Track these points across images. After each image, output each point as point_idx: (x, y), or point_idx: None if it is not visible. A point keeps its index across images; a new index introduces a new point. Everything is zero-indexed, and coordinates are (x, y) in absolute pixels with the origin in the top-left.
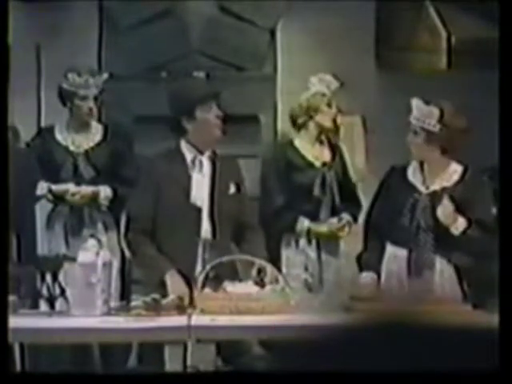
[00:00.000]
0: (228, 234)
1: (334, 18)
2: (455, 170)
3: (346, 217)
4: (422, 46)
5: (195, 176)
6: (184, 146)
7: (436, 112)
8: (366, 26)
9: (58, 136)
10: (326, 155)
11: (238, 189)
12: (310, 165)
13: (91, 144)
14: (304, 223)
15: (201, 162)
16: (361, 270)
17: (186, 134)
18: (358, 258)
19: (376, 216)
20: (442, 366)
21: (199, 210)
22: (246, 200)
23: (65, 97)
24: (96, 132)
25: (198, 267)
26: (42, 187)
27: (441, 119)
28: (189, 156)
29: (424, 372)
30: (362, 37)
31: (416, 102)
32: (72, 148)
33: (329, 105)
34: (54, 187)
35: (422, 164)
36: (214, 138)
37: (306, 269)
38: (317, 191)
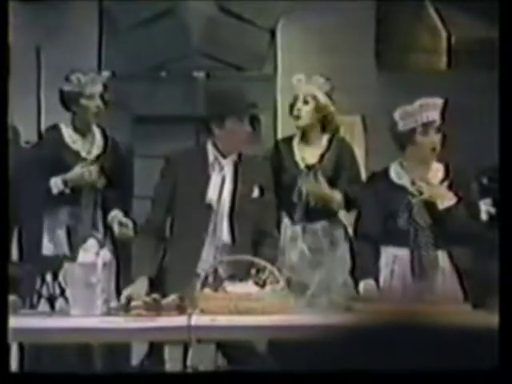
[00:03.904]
0: (247, 238)
1: (334, 18)
2: (438, 168)
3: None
4: (422, 46)
5: (214, 178)
6: (209, 147)
7: (440, 103)
8: (366, 26)
9: (67, 139)
10: (313, 157)
11: (262, 193)
12: (296, 165)
13: (97, 150)
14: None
15: (220, 165)
16: (359, 279)
17: (212, 136)
18: (353, 268)
19: (367, 223)
20: (442, 366)
21: (215, 212)
22: (267, 204)
23: (69, 99)
24: (97, 135)
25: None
26: (57, 183)
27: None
28: (211, 157)
29: (424, 372)
30: (362, 37)
31: (426, 102)
32: (84, 154)
33: (295, 103)
34: (68, 177)
35: (402, 165)
36: (237, 149)
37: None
38: (294, 194)
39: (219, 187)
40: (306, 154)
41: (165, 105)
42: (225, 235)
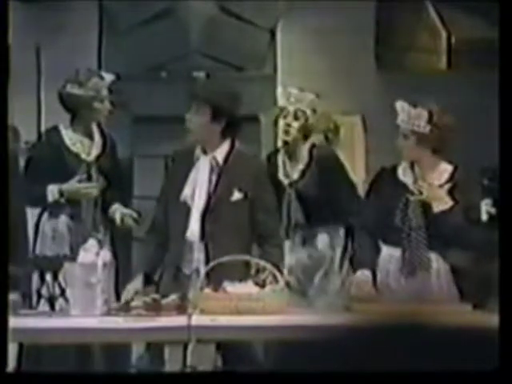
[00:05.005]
0: (230, 239)
1: (334, 18)
2: (445, 169)
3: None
4: (422, 46)
5: (191, 175)
6: (197, 147)
7: (424, 113)
8: (366, 26)
9: (68, 141)
10: (295, 172)
11: (245, 194)
12: (280, 183)
13: (96, 151)
14: None
15: (200, 162)
16: (355, 268)
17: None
18: (351, 258)
19: (368, 216)
20: (442, 366)
21: (189, 210)
22: (262, 206)
23: (80, 103)
24: (96, 136)
25: (187, 267)
26: (53, 192)
27: (430, 120)
28: (196, 155)
29: (424, 372)
30: (362, 37)
31: (402, 105)
32: (83, 156)
33: (284, 116)
34: (64, 188)
35: (412, 164)
36: (203, 140)
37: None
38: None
39: (193, 184)
40: (289, 170)
41: (165, 105)
42: (194, 232)
